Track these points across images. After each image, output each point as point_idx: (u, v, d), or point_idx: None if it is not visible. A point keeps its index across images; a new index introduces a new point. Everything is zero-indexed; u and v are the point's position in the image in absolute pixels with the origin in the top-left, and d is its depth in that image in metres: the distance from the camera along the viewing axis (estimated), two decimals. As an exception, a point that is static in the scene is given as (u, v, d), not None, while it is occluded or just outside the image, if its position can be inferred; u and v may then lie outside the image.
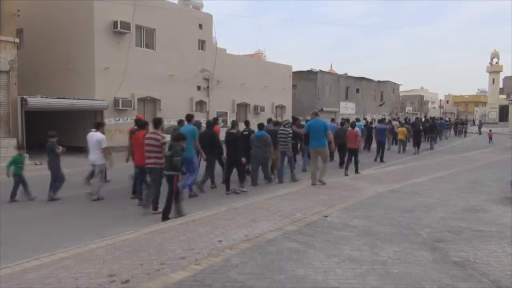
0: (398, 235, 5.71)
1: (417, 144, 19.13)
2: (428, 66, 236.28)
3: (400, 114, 47.34)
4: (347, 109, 39.40)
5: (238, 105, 25.90)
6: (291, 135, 11.00)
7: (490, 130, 28.87)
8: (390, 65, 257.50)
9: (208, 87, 23.34)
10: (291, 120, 13.78)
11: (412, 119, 32.45)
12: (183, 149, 7.14)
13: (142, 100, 19.81)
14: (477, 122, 49.35)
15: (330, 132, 9.93)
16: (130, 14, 18.46)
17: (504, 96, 51.54)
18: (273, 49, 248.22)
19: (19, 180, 8.57)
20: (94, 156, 8.72)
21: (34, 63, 19.08)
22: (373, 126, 18.61)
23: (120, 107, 18.28)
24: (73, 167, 13.78)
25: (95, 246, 5.26)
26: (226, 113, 24.82)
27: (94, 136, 8.84)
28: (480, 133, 37.03)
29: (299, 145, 13.09)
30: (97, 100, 17.38)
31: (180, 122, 10.38)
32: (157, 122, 7.61)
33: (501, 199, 8.24)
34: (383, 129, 16.60)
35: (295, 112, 31.80)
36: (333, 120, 18.58)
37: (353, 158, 12.03)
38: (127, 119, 18.87)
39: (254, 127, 11.05)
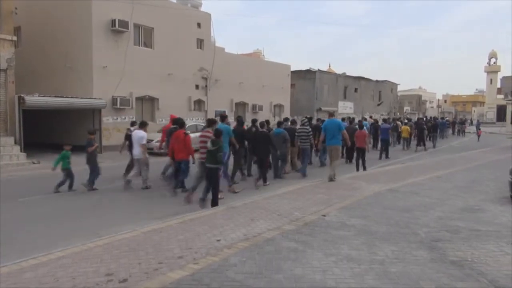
0: (396, 234, 5.71)
1: (422, 141, 20.36)
2: (426, 65, 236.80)
3: (398, 113, 47.38)
4: (345, 108, 39.42)
5: (236, 104, 25.89)
6: (311, 133, 12.13)
7: (479, 129, 30.78)
8: (388, 65, 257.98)
9: (206, 86, 23.32)
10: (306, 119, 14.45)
11: (414, 119, 32.96)
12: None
13: (140, 99, 19.78)
14: (474, 122, 49.50)
15: (345, 132, 10.75)
16: (128, 12, 18.41)
17: (502, 96, 51.62)
18: (272, 48, 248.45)
19: (68, 173, 9.36)
20: (137, 151, 9.81)
21: (32, 62, 19.03)
22: (380, 124, 19.30)
23: (118, 106, 18.24)
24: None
25: (92, 245, 5.24)
26: (224, 112, 24.80)
27: (137, 133, 9.86)
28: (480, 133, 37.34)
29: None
30: (95, 99, 17.33)
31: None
32: (211, 122, 8.92)
33: (498, 198, 8.26)
34: (387, 128, 17.61)
35: (293, 112, 31.87)
36: (343, 119, 18.65)
37: (361, 156, 12.80)
38: (125, 118, 18.83)
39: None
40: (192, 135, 10.25)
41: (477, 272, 4.38)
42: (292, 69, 32.46)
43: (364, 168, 12.58)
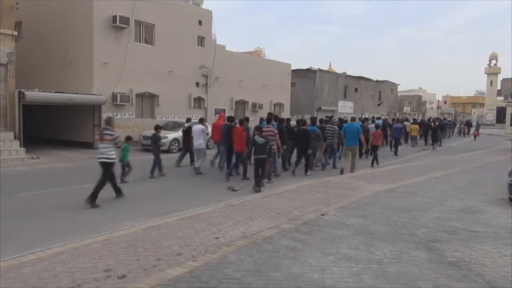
0: (394, 234, 5.73)
1: (432, 140, 22.36)
2: (427, 66, 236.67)
3: (398, 114, 47.38)
4: (345, 108, 39.42)
5: (237, 102, 25.87)
6: (337, 131, 13.35)
7: (476, 130, 34.21)
8: (389, 65, 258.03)
9: (206, 83, 23.29)
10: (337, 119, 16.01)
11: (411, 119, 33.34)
12: None
13: (140, 96, 19.75)
14: (474, 123, 49.60)
15: (362, 135, 12.13)
16: (129, 9, 18.37)
17: (502, 98, 51.70)
18: (272, 47, 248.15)
19: (127, 164, 10.24)
20: (198, 142, 11.65)
21: (33, 57, 18.99)
22: (392, 124, 21.15)
23: (118, 102, 18.21)
24: (68, 162, 13.76)
25: (91, 241, 5.26)
26: (224, 110, 24.79)
27: (198, 127, 11.82)
28: (478, 134, 37.44)
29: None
30: (95, 94, 17.31)
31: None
32: (270, 119, 11.14)
33: (497, 200, 8.29)
34: (399, 128, 19.00)
35: (293, 111, 31.87)
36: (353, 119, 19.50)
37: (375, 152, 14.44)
38: (125, 114, 18.83)
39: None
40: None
41: (474, 273, 4.40)
42: (293, 68, 32.40)
43: (377, 163, 14.00)
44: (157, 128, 11.40)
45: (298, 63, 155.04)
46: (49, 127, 19.27)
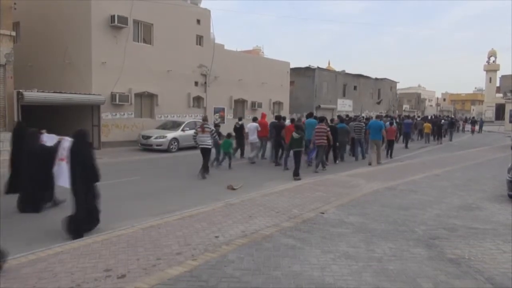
0: (394, 232, 5.74)
1: (439, 136, 24.72)
2: (426, 64, 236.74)
3: (397, 111, 47.38)
4: (344, 106, 39.40)
5: (236, 101, 25.84)
6: (364, 128, 15.24)
7: (474, 125, 36.99)
8: (388, 63, 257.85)
9: (205, 82, 23.25)
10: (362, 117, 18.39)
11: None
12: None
13: (139, 95, 19.73)
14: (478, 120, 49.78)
15: (384, 130, 14.22)
16: (127, 8, 18.33)
17: (501, 95, 51.69)
18: (271, 45, 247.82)
19: (228, 155, 12.73)
20: (252, 137, 13.96)
21: (31, 57, 18.95)
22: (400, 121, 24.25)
23: (117, 102, 18.18)
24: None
25: (91, 240, 5.26)
26: (223, 109, 24.79)
27: (253, 125, 14.14)
28: (480, 131, 37.63)
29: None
30: (94, 94, 17.28)
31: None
32: (322, 119, 12.96)
33: (496, 197, 8.30)
34: (410, 124, 22.51)
35: (292, 109, 31.84)
36: (378, 117, 22.24)
37: (390, 146, 16.34)
38: (124, 114, 18.81)
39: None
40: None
41: (474, 269, 4.40)
42: (292, 66, 32.35)
43: (391, 156, 15.93)
44: (216, 125, 13.88)
45: (297, 62, 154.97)
46: (48, 127, 19.08)
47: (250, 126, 14.11)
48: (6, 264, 4.28)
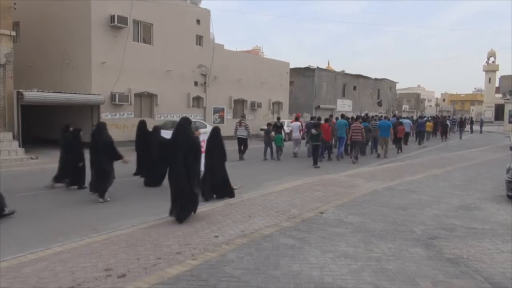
0: (392, 232, 5.76)
1: (445, 135, 27.01)
2: (425, 64, 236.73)
3: (397, 111, 47.37)
4: (344, 106, 39.39)
5: (235, 101, 25.85)
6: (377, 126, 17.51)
7: (463, 126, 37.63)
8: (387, 63, 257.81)
9: (205, 82, 23.26)
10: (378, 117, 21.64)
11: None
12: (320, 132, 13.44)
13: (139, 95, 19.74)
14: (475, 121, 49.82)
15: (392, 129, 16.51)
16: (127, 8, 18.34)
17: (500, 95, 51.75)
18: (271, 45, 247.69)
19: (279, 148, 15.18)
20: (295, 134, 16.06)
21: (31, 57, 18.95)
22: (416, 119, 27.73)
23: (117, 102, 18.19)
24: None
25: (91, 240, 5.27)
26: (223, 109, 24.80)
27: (296, 124, 16.38)
28: (481, 131, 37.60)
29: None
30: (93, 94, 17.29)
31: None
32: (359, 118, 15.84)
33: (495, 197, 8.32)
34: (423, 122, 24.40)
35: (292, 109, 31.84)
36: (386, 117, 24.31)
37: (399, 142, 18.45)
38: (123, 114, 18.81)
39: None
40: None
41: (472, 269, 4.42)
42: (291, 66, 32.35)
43: (401, 151, 18.16)
44: (269, 124, 16.71)
45: (296, 62, 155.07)
46: (48, 127, 19.20)
47: (294, 125, 16.46)
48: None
